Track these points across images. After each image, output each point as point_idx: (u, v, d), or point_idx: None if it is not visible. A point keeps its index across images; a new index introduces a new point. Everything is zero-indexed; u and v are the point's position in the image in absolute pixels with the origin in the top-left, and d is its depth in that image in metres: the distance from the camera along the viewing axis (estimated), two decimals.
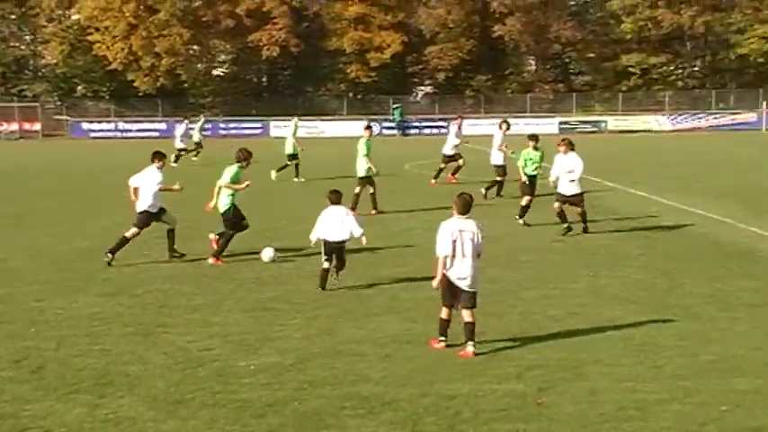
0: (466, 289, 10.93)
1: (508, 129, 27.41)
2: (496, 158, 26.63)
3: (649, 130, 69.73)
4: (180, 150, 40.64)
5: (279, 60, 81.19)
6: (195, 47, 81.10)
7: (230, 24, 78.28)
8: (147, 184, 17.13)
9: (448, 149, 30.49)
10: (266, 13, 78.23)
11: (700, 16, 78.36)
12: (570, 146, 19.53)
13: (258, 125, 71.26)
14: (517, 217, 21.13)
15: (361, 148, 23.71)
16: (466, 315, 10.96)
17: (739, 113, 72.44)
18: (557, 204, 19.59)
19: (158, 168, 17.20)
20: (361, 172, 23.66)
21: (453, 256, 10.86)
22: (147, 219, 17.13)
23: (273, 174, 31.92)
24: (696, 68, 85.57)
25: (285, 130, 35.51)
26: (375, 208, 23.26)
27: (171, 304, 13.62)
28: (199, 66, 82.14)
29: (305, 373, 10.26)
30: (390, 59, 78.52)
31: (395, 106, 70.89)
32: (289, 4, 78.45)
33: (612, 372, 10.12)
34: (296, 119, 34.96)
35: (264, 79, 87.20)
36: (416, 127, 71.95)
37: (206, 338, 11.69)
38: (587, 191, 22.59)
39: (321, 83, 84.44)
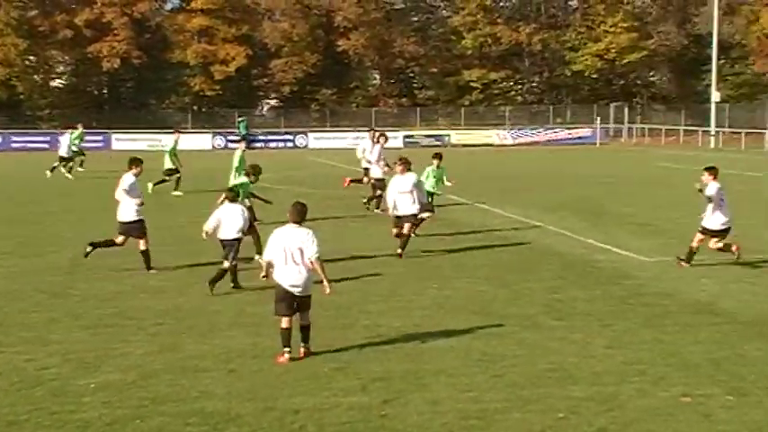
0: (299, 295, 11.19)
1: (386, 141, 27.22)
2: (376, 172, 26.33)
3: (491, 144, 71.26)
4: (62, 160, 39.36)
5: (120, 72, 79.49)
6: (32, 57, 78.64)
7: (68, 35, 76.11)
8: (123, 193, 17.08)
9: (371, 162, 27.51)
10: (106, 24, 76.46)
11: (537, 34, 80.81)
12: (407, 165, 19.24)
13: (99, 138, 69.51)
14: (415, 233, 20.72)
15: (236, 161, 24.07)
16: (302, 318, 11.30)
17: (575, 128, 74.82)
18: (395, 230, 19.08)
19: (134, 175, 17.24)
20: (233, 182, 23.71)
21: (285, 263, 11.14)
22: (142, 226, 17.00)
23: (150, 186, 30.60)
24: (534, 84, 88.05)
25: (165, 145, 34.62)
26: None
27: (7, 322, 13.16)
28: (36, 77, 79.66)
29: (147, 390, 10.07)
30: (235, 72, 77.95)
31: (240, 119, 70.36)
32: (130, 15, 76.88)
33: (455, 382, 10.29)
34: (177, 134, 34.55)
35: (105, 91, 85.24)
36: (262, 140, 71.60)
37: (44, 357, 11.34)
38: (437, 204, 23.04)
39: (164, 95, 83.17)
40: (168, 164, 32.26)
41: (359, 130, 71.49)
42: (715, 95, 67.79)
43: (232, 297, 14.73)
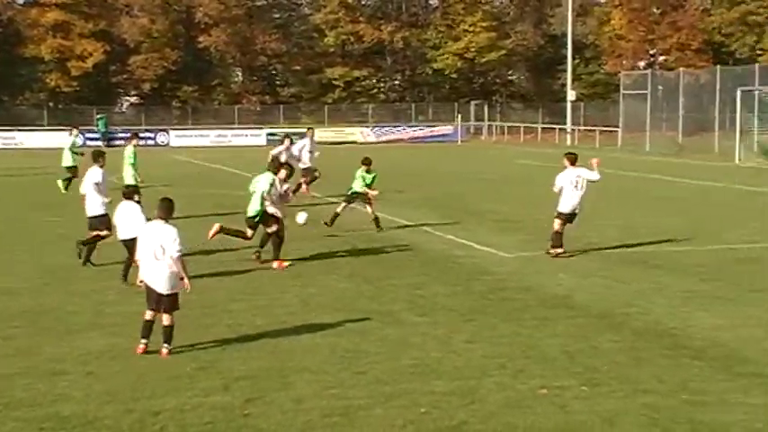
0: (162, 292, 11.10)
1: (313, 135, 30.68)
2: (304, 163, 29.22)
3: (354, 142, 71.49)
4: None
5: None
6: None
7: None
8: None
9: (305, 162, 29.84)
10: None
11: (398, 32, 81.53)
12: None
13: None
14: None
15: (128, 156, 24.99)
16: (165, 319, 11.15)
17: (437, 126, 75.73)
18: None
19: (100, 167, 17.53)
20: (128, 180, 24.15)
21: (149, 260, 11.13)
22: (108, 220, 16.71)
23: (60, 184, 30.48)
24: (397, 82, 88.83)
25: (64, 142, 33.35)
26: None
27: None
28: None
29: (1, 395, 9.76)
30: (93, 69, 76.14)
31: (99, 117, 68.73)
32: None
33: (319, 379, 10.31)
34: (75, 130, 34.04)
35: None
36: (122, 138, 70.12)
37: None
38: (300, 204, 23.01)
39: (18, 92, 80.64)
40: (68, 161, 31.49)
41: (222, 128, 71.07)
42: (570, 94, 69.66)
43: (90, 298, 14.41)
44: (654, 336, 12.11)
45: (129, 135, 27.48)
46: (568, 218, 18.42)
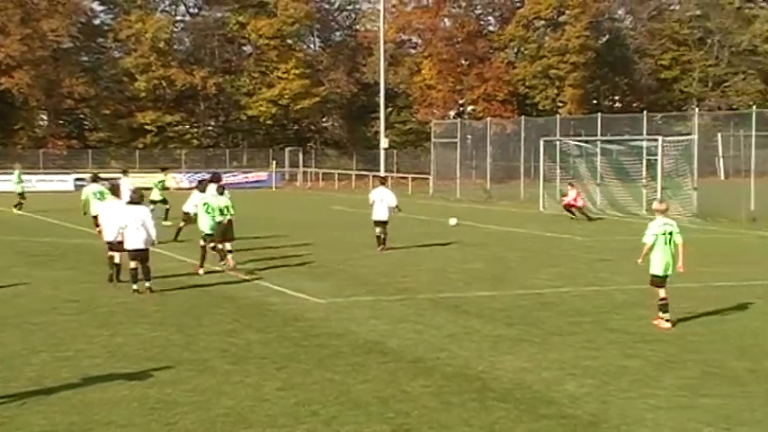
0: None
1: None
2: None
3: (167, 188, 70.27)
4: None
5: None
6: None
7: None
8: None
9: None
10: None
11: (211, 77, 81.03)
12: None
13: None
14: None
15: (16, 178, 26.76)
16: None
17: (252, 172, 75.46)
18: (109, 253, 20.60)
19: None
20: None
21: None
22: None
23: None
24: (210, 128, 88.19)
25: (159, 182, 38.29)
26: None
27: None
28: None
29: None
30: None
31: None
32: None
33: None
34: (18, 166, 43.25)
35: None
36: None
37: None
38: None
39: None
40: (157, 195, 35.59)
41: (26, 172, 68.50)
42: (384, 142, 70.78)
43: None
44: (463, 380, 12.35)
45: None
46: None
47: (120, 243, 19.72)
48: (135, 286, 19.23)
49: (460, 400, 11.37)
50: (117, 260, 20.63)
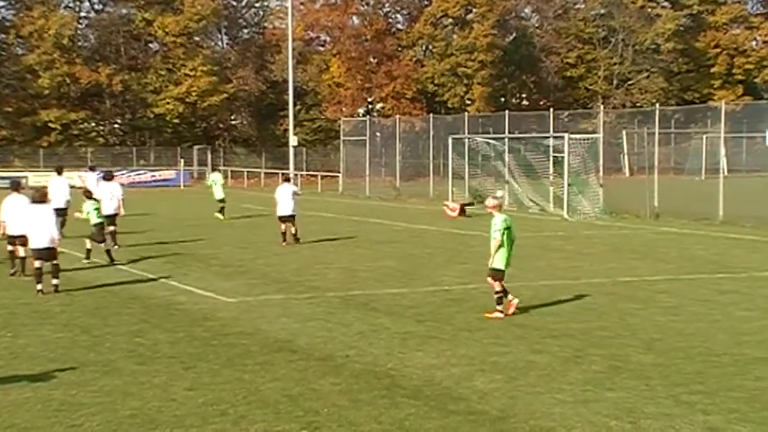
0: None
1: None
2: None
3: (73, 186, 68.96)
4: None
5: None
6: None
7: None
8: None
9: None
10: None
11: (117, 75, 79.83)
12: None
13: None
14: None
15: None
16: None
17: (159, 170, 74.56)
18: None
19: None
20: None
21: None
22: None
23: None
24: (117, 126, 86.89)
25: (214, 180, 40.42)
26: None
27: None
28: None
29: None
30: None
31: None
32: None
33: None
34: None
35: None
36: None
37: None
38: None
39: None
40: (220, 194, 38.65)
41: None
42: (293, 140, 70.53)
43: None
44: (372, 377, 12.37)
45: None
46: None
47: (23, 237, 19.82)
48: (39, 286, 18.91)
49: (370, 397, 11.38)
50: (22, 254, 20.82)
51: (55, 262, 19.29)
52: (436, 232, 33.34)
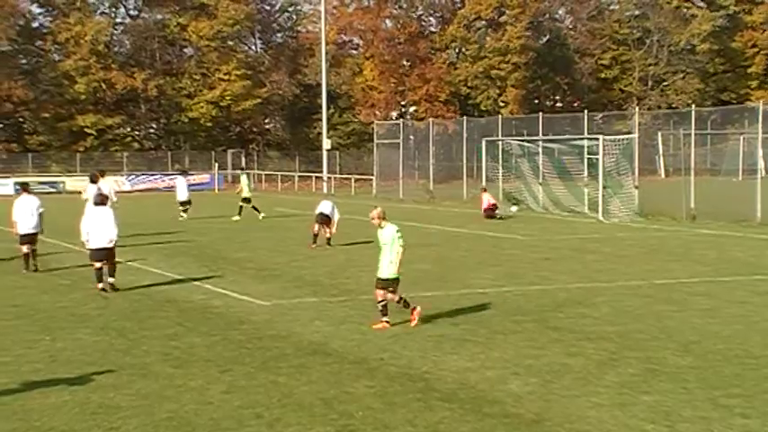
0: None
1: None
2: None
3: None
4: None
5: None
6: None
7: None
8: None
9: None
10: None
11: (152, 80, 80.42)
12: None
13: None
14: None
15: None
16: None
17: (194, 174, 74.92)
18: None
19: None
20: None
21: None
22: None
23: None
24: (152, 130, 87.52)
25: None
26: None
27: None
28: None
29: None
30: None
31: None
32: None
33: None
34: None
35: None
36: None
37: None
38: (49, 252, 22.32)
39: None
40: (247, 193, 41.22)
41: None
42: (326, 143, 70.71)
43: None
44: (407, 380, 12.37)
45: None
46: None
47: (32, 235, 22.92)
48: (100, 285, 19.83)
49: (404, 400, 11.38)
50: (25, 250, 22.96)
51: (113, 261, 20.10)
52: (470, 235, 33.27)
